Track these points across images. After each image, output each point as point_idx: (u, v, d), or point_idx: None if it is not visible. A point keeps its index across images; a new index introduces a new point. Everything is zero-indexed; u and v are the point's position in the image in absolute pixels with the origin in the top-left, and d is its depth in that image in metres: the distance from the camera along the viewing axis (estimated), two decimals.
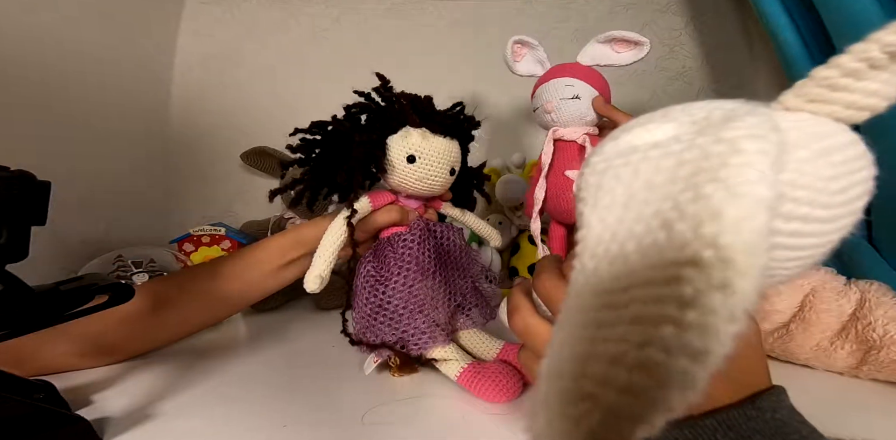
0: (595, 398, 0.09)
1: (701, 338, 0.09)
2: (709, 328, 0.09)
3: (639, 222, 0.12)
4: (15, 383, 0.29)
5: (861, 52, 0.13)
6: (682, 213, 0.10)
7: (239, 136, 0.79)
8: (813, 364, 0.39)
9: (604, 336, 0.10)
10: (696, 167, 0.11)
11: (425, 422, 0.32)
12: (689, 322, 0.09)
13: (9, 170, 0.25)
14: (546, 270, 0.23)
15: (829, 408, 0.21)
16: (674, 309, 0.09)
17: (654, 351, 0.09)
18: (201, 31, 0.81)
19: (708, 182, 0.10)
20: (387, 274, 0.39)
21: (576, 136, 0.47)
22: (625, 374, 0.09)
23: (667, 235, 0.11)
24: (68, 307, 0.29)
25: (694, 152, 0.12)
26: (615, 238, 0.12)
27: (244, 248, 0.46)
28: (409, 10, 0.82)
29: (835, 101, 0.14)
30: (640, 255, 0.11)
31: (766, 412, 0.19)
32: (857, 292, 0.37)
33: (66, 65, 0.60)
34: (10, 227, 0.24)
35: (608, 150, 0.14)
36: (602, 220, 0.13)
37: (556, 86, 0.47)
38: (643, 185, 0.12)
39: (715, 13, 0.78)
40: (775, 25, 0.53)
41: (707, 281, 0.09)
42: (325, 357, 0.45)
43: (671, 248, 0.10)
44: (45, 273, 0.55)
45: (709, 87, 0.78)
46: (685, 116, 0.14)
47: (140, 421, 0.33)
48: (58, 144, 0.59)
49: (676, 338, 0.09)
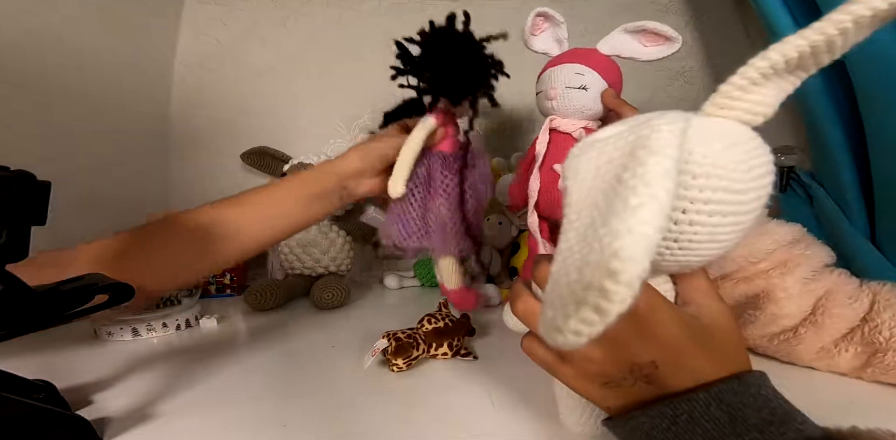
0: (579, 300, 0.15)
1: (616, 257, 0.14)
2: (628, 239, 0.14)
3: (603, 182, 0.18)
4: (15, 383, 0.29)
5: (744, 72, 0.18)
6: (626, 168, 0.16)
7: (239, 135, 0.79)
8: (816, 366, 0.38)
9: (580, 265, 0.16)
10: (634, 144, 0.17)
11: (425, 421, 0.32)
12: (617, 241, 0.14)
13: (9, 169, 0.25)
14: (544, 260, 0.24)
15: (831, 410, 0.21)
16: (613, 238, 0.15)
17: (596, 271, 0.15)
18: (201, 31, 0.81)
19: (640, 149, 0.16)
20: (470, 186, 0.46)
21: (572, 129, 0.45)
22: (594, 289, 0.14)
23: (618, 183, 0.16)
24: (69, 307, 0.29)
25: (633, 136, 0.18)
26: (589, 194, 0.18)
27: (263, 186, 0.44)
28: (409, 9, 0.82)
29: (736, 108, 0.19)
30: (604, 201, 0.17)
31: (752, 387, 0.21)
32: (870, 294, 0.37)
33: (67, 65, 0.60)
34: (11, 227, 0.24)
35: (581, 144, 0.21)
36: (579, 187, 0.19)
37: (566, 72, 0.45)
38: (605, 159, 0.19)
39: (715, 13, 0.78)
40: (776, 25, 0.53)
41: (629, 204, 0.15)
42: (324, 357, 0.45)
43: (620, 192, 0.16)
44: None
45: (709, 86, 0.78)
46: (633, 121, 0.20)
47: (140, 421, 0.33)
48: (58, 144, 0.59)
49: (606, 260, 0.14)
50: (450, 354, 0.42)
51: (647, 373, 0.21)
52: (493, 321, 0.53)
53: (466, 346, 0.43)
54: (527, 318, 0.25)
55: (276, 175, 0.75)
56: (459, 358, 0.42)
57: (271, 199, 0.43)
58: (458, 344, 0.42)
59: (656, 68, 0.78)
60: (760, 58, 0.18)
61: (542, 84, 0.47)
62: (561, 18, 0.46)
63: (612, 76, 0.45)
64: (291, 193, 0.43)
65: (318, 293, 0.61)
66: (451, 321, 0.43)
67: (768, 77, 0.18)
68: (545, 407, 0.32)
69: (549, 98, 0.45)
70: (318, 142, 0.81)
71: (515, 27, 0.78)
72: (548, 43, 0.48)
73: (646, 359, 0.21)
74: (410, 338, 0.40)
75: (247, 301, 0.60)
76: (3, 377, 0.28)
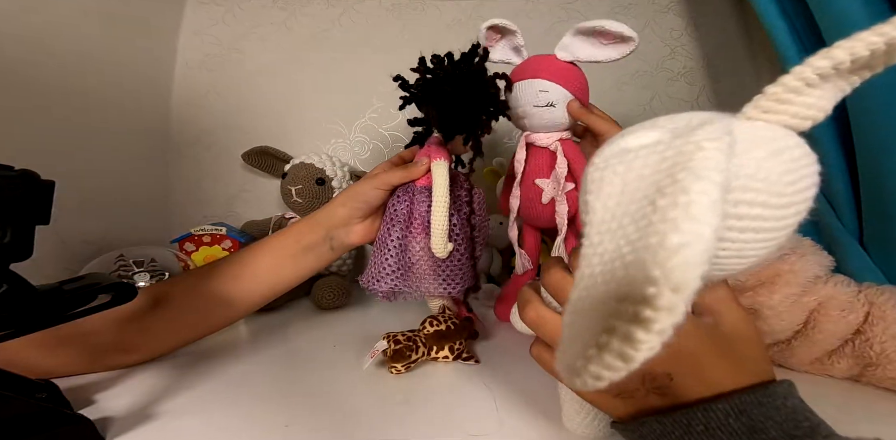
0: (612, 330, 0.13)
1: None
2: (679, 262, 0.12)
3: (631, 203, 0.16)
4: (18, 382, 0.29)
5: (799, 73, 0.16)
6: (663, 193, 0.14)
7: (240, 135, 0.79)
8: (810, 372, 0.38)
9: (607, 298, 0.14)
10: (673, 162, 0.15)
11: (427, 421, 0.32)
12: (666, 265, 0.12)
13: (13, 169, 0.25)
14: (553, 266, 0.25)
15: (835, 413, 0.21)
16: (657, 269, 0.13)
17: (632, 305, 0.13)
18: (202, 31, 0.81)
19: (680, 171, 0.14)
20: (474, 223, 0.45)
21: (548, 143, 0.46)
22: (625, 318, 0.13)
23: (652, 210, 0.14)
24: (72, 306, 0.29)
25: (672, 151, 0.15)
26: (614, 216, 0.16)
27: (260, 241, 0.44)
28: (410, 10, 0.82)
29: (782, 112, 0.17)
30: (634, 230, 0.14)
31: (778, 399, 0.19)
32: (866, 304, 0.36)
33: (67, 64, 0.60)
34: (15, 227, 0.24)
35: (607, 153, 0.18)
36: (604, 205, 0.17)
37: (529, 90, 0.44)
38: (635, 176, 0.16)
39: (716, 14, 0.78)
40: (771, 26, 0.53)
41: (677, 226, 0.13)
42: (325, 357, 0.45)
43: (655, 221, 0.14)
44: (46, 272, 0.55)
45: (710, 87, 0.78)
46: (669, 124, 0.18)
47: (142, 420, 0.33)
48: (59, 144, 0.59)
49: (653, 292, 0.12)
50: (451, 358, 0.42)
51: (661, 384, 0.21)
52: (494, 323, 0.53)
53: (468, 350, 0.43)
54: (538, 327, 0.25)
55: (277, 175, 0.75)
56: (461, 362, 0.42)
57: (266, 265, 0.44)
58: (461, 347, 0.42)
59: (657, 69, 0.79)
60: (821, 56, 0.16)
61: (512, 101, 0.45)
62: (514, 27, 0.46)
63: (575, 85, 0.44)
64: (284, 253, 0.44)
65: (319, 293, 0.61)
66: (453, 324, 0.43)
67: (827, 78, 0.16)
68: (548, 409, 0.32)
69: (519, 117, 0.46)
70: (319, 142, 0.81)
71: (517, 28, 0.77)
72: (506, 52, 0.48)
73: (661, 370, 0.21)
74: (410, 340, 0.40)
75: (251, 312, 0.60)
76: (5, 376, 0.28)
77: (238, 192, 0.82)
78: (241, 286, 0.43)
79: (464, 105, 0.38)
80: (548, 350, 0.25)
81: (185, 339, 0.44)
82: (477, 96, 0.38)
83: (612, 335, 0.13)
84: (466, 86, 0.38)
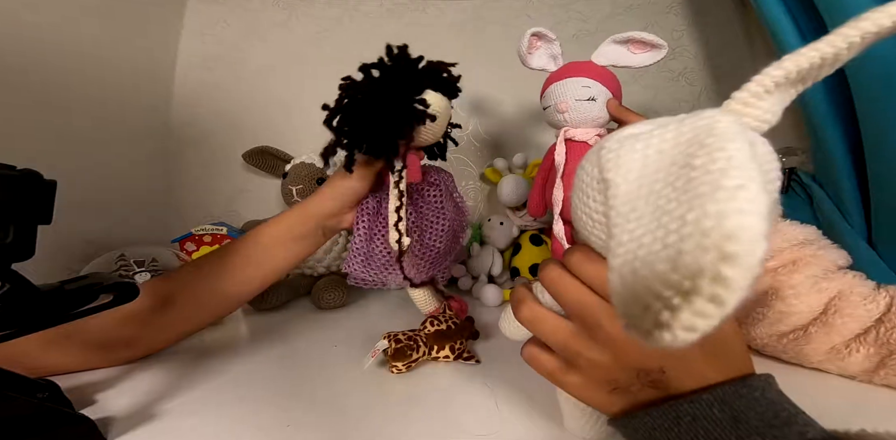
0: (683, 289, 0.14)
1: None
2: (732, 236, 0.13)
3: (658, 171, 0.17)
4: (19, 382, 0.29)
5: (759, 81, 0.18)
6: (696, 155, 0.16)
7: (240, 135, 0.79)
8: (825, 367, 0.38)
9: (669, 254, 0.15)
10: (692, 134, 0.17)
11: (427, 421, 0.32)
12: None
13: (15, 168, 0.25)
14: (549, 264, 0.25)
15: (839, 415, 0.21)
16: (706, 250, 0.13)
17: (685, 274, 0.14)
18: (203, 31, 0.81)
19: (706, 137, 0.16)
20: (426, 221, 0.44)
21: (587, 137, 0.47)
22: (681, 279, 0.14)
23: (691, 168, 0.16)
24: (73, 306, 0.29)
25: (686, 127, 0.17)
26: (640, 186, 0.18)
27: (248, 233, 0.45)
28: (410, 10, 0.82)
29: (747, 115, 0.19)
30: (673, 190, 0.16)
31: (757, 390, 0.21)
32: (887, 297, 0.36)
33: (68, 64, 0.60)
34: (17, 226, 0.24)
35: (617, 136, 0.20)
36: (625, 177, 0.18)
37: (572, 85, 0.46)
38: (655, 150, 0.18)
39: (716, 14, 0.79)
40: (776, 27, 0.53)
41: (719, 207, 0.14)
42: (326, 357, 0.45)
43: (697, 177, 0.15)
44: (47, 272, 0.55)
45: (710, 87, 0.78)
46: (664, 120, 0.20)
47: (143, 420, 0.33)
48: (59, 144, 0.59)
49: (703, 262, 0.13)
50: (452, 358, 0.42)
51: (655, 378, 0.22)
52: (495, 323, 0.52)
53: (469, 350, 0.43)
54: (534, 325, 0.25)
55: (278, 175, 0.75)
56: (462, 361, 0.42)
57: (261, 256, 0.44)
58: (461, 347, 0.42)
59: (658, 69, 0.79)
60: (776, 67, 0.18)
61: (549, 99, 0.48)
62: (553, 36, 0.49)
63: (614, 85, 0.48)
64: (277, 243, 0.44)
65: (320, 293, 0.61)
66: (454, 323, 0.43)
67: (779, 86, 0.18)
68: (549, 409, 0.32)
69: (560, 111, 0.47)
70: (320, 141, 0.80)
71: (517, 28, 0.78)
72: (543, 60, 0.50)
73: (654, 365, 0.22)
74: (411, 339, 0.40)
75: (248, 301, 0.60)
76: (6, 376, 0.28)
77: (238, 191, 0.82)
78: (237, 278, 0.44)
79: (373, 119, 0.38)
80: (543, 350, 0.25)
81: (185, 332, 0.46)
82: (389, 107, 0.38)
83: (696, 279, 0.13)
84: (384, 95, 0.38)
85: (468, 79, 0.81)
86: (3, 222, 0.24)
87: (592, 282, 0.23)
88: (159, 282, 0.43)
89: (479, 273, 0.67)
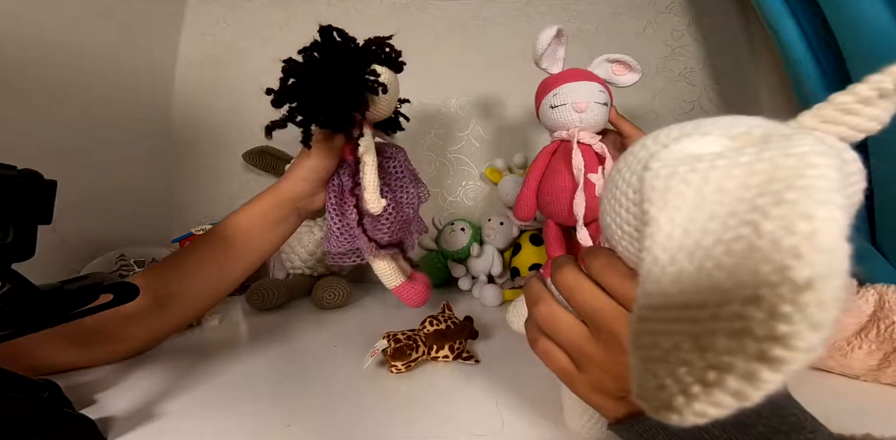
0: (726, 366, 0.12)
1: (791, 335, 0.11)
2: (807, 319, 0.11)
3: (712, 220, 0.14)
4: (19, 382, 0.29)
5: (876, 82, 0.15)
6: (766, 215, 0.12)
7: (240, 135, 0.79)
8: (829, 366, 0.38)
9: (710, 330, 0.12)
10: (769, 177, 0.13)
11: (428, 421, 0.32)
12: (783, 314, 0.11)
13: (15, 168, 0.25)
14: (566, 264, 0.24)
15: (846, 416, 0.21)
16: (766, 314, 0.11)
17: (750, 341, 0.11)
18: (203, 31, 0.81)
19: (786, 189, 0.12)
20: (389, 192, 0.45)
21: (594, 141, 0.48)
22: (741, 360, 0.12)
23: (754, 233, 0.12)
24: (74, 306, 0.29)
25: (764, 164, 0.13)
26: (688, 234, 0.14)
27: (224, 222, 0.44)
28: (410, 10, 0.82)
29: (844, 123, 0.16)
30: (726, 254, 0.13)
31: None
32: (875, 294, 0.37)
33: (68, 64, 0.60)
34: (17, 226, 0.24)
35: (666, 158, 0.16)
36: (671, 218, 0.15)
37: (591, 89, 0.48)
38: (714, 189, 0.14)
39: (717, 14, 0.78)
40: (778, 27, 0.53)
41: (801, 277, 0.11)
42: (326, 356, 0.45)
43: (762, 248, 0.12)
44: (47, 272, 0.55)
45: (711, 87, 0.78)
46: (719, 130, 0.16)
47: (144, 420, 0.33)
48: (60, 144, 0.59)
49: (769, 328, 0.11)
50: (451, 357, 0.42)
51: None
52: (495, 323, 0.53)
53: (468, 350, 0.43)
54: (551, 324, 0.24)
55: (278, 174, 0.75)
56: (461, 361, 0.42)
57: (241, 243, 0.44)
58: (460, 347, 0.42)
59: (658, 69, 0.79)
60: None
61: (563, 97, 0.48)
62: (564, 39, 0.49)
63: (610, 94, 0.50)
64: (254, 230, 0.44)
65: (320, 293, 0.61)
66: (453, 323, 0.43)
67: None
68: (549, 409, 0.32)
69: (578, 110, 0.48)
70: None
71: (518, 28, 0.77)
72: (548, 60, 0.49)
73: None
74: (410, 339, 0.40)
75: (248, 301, 0.60)
76: (7, 376, 0.28)
77: (238, 191, 0.82)
78: (223, 268, 0.44)
79: (327, 91, 0.39)
80: (557, 348, 0.25)
81: (172, 330, 0.46)
82: (339, 78, 0.39)
83: (728, 372, 0.11)
84: (328, 69, 0.39)
85: (468, 79, 0.82)
86: (3, 222, 0.24)
87: (614, 290, 0.22)
88: (152, 279, 0.42)
89: (479, 273, 0.67)
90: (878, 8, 0.40)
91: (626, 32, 0.80)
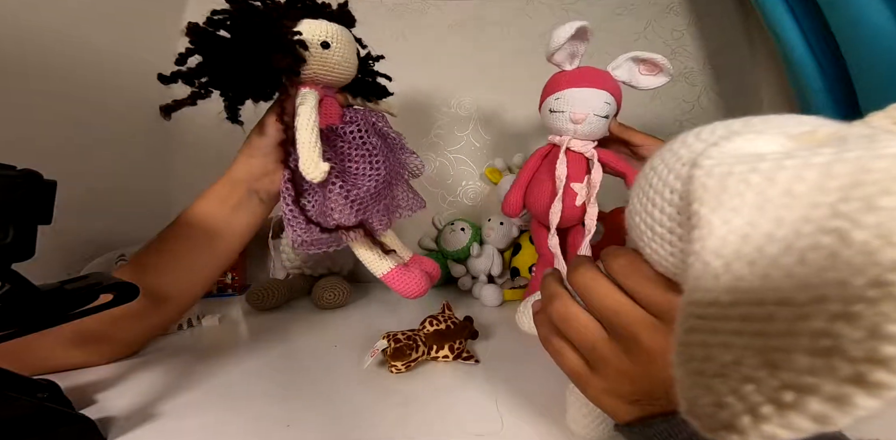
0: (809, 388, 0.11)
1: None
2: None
3: (780, 226, 0.12)
4: (19, 382, 0.29)
5: None
6: (856, 223, 0.11)
7: (240, 135, 0.79)
8: None
9: (784, 346, 0.11)
10: (853, 180, 0.12)
11: (428, 421, 0.33)
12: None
13: (15, 168, 0.25)
14: (583, 264, 0.23)
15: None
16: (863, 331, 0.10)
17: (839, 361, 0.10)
18: None
19: (881, 195, 0.11)
20: (349, 163, 0.40)
21: (586, 150, 0.47)
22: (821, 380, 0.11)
23: (840, 243, 0.11)
24: (74, 306, 0.29)
25: (846, 166, 0.12)
26: (747, 240, 0.13)
27: (182, 216, 0.43)
28: (410, 10, 0.82)
29: None
30: (799, 264, 0.12)
31: None
32: None
33: (68, 64, 0.60)
34: (17, 226, 0.24)
35: (719, 155, 0.15)
36: (727, 221, 0.13)
37: (595, 98, 0.45)
38: (781, 191, 0.13)
39: (717, 14, 0.79)
40: (778, 27, 0.53)
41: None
42: (326, 356, 0.45)
43: (851, 260, 0.11)
44: (47, 272, 0.55)
45: (711, 88, 0.78)
46: (774, 129, 0.15)
47: (143, 420, 0.33)
48: (59, 144, 0.59)
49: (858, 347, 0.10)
50: (451, 357, 0.42)
51: None
52: (495, 323, 0.53)
53: (468, 350, 0.43)
54: (566, 322, 0.23)
55: None
56: (461, 361, 0.42)
57: (203, 236, 0.43)
58: (460, 347, 0.42)
59: None
60: None
61: (564, 104, 0.46)
62: (588, 38, 0.46)
63: (620, 102, 0.48)
64: (216, 220, 0.43)
65: (320, 293, 0.61)
66: (453, 323, 0.43)
67: None
68: (549, 409, 0.32)
69: (574, 121, 0.46)
70: None
71: (518, 28, 0.77)
72: (563, 55, 0.47)
73: None
74: (410, 339, 0.40)
75: (248, 301, 0.60)
76: (7, 376, 0.28)
77: None
78: (197, 264, 0.43)
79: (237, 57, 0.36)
80: (571, 348, 0.24)
81: (165, 326, 0.46)
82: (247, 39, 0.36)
83: (811, 394, 0.10)
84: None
85: (468, 79, 0.81)
86: (3, 222, 0.24)
87: (635, 292, 0.21)
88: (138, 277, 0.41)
89: (479, 273, 0.67)
90: (878, 8, 0.40)
91: (626, 32, 0.80)
